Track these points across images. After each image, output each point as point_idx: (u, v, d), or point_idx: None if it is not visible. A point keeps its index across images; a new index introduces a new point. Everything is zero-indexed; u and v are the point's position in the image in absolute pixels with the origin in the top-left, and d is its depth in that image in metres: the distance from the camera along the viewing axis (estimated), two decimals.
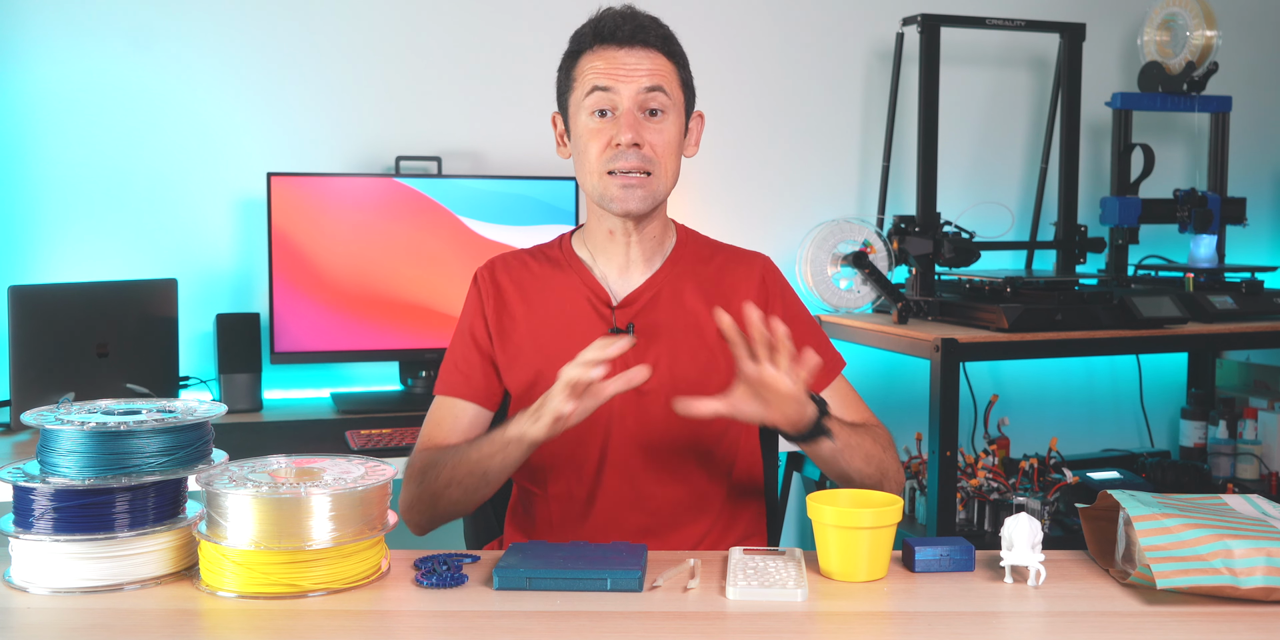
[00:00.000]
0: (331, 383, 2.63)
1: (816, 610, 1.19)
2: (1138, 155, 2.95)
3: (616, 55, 1.50)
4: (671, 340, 1.56)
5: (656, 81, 1.50)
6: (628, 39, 1.50)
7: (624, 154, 1.49)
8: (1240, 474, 2.95)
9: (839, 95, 2.99)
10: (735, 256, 1.67)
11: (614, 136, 1.49)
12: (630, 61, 1.50)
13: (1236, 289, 2.81)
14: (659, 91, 1.50)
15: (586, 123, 1.51)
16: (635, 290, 1.59)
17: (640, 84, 1.49)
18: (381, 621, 1.16)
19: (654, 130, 1.51)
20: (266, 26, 2.57)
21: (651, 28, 1.52)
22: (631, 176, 1.50)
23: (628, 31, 1.50)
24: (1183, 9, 2.96)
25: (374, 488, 1.24)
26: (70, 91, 2.47)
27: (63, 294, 2.24)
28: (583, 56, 1.53)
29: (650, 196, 1.52)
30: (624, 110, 1.49)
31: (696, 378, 1.55)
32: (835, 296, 2.77)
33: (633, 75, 1.49)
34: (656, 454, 1.56)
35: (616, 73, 1.49)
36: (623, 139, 1.48)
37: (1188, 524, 1.21)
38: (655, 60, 1.51)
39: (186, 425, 1.27)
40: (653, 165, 1.50)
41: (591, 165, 1.51)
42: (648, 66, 1.50)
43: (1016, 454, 2.91)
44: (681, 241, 1.64)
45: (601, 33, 1.51)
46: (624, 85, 1.49)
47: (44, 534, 1.22)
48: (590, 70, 1.51)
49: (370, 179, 2.48)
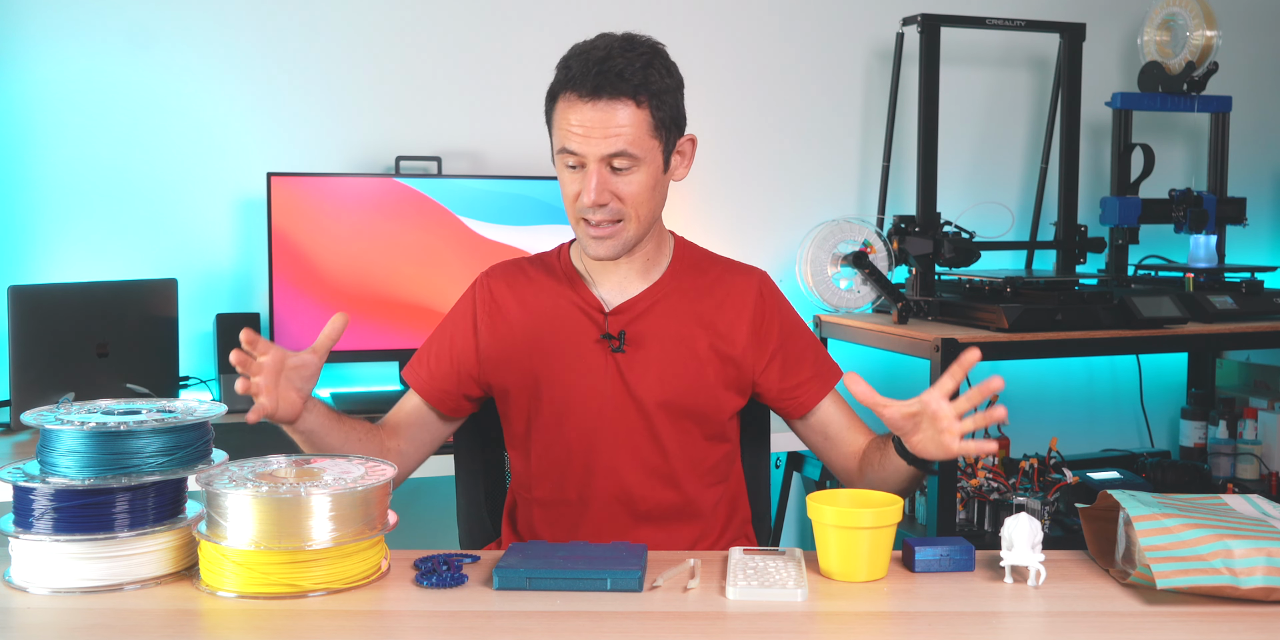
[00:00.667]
0: (331, 383, 2.63)
1: (816, 610, 1.19)
2: (1138, 155, 2.95)
3: (582, 111, 1.45)
4: (661, 350, 1.56)
5: (619, 146, 1.45)
6: (592, 92, 1.44)
7: (593, 209, 1.49)
8: (1240, 474, 2.95)
9: (839, 95, 2.99)
10: (732, 270, 1.66)
11: (581, 195, 1.49)
12: (596, 120, 1.45)
13: (1236, 289, 2.81)
14: (623, 155, 1.46)
15: (564, 173, 1.51)
16: (629, 300, 1.59)
17: (601, 149, 1.45)
18: (381, 621, 1.16)
19: (623, 183, 1.48)
20: (266, 26, 2.57)
21: (624, 75, 1.45)
22: (603, 227, 1.50)
23: (592, 85, 1.44)
24: (1183, 9, 2.96)
25: (374, 488, 1.24)
26: (70, 91, 2.47)
27: (63, 294, 2.24)
28: (558, 100, 1.49)
29: (622, 244, 1.52)
30: (590, 170, 1.47)
31: (685, 389, 1.56)
32: (835, 296, 2.77)
33: (596, 139, 1.45)
34: (645, 463, 1.57)
35: (581, 135, 1.46)
36: (586, 200, 1.48)
37: (1188, 524, 1.21)
38: (622, 114, 1.45)
39: (186, 425, 1.28)
40: (623, 215, 1.50)
41: (570, 212, 1.53)
42: (613, 127, 1.45)
43: (1016, 454, 2.91)
44: (679, 255, 1.64)
45: (571, 79, 1.46)
46: (590, 149, 1.46)
47: (44, 534, 1.22)
48: (561, 123, 1.48)
49: (370, 179, 2.48)
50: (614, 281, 1.60)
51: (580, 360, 1.56)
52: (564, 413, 1.56)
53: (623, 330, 1.56)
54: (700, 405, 1.57)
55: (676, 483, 1.58)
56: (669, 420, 1.56)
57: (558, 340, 1.57)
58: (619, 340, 1.55)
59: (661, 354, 1.56)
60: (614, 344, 1.56)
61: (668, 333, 1.57)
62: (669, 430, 1.56)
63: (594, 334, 1.57)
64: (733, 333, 1.59)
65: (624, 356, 1.56)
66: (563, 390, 1.56)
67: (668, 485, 1.57)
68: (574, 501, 1.57)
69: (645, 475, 1.56)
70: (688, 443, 1.58)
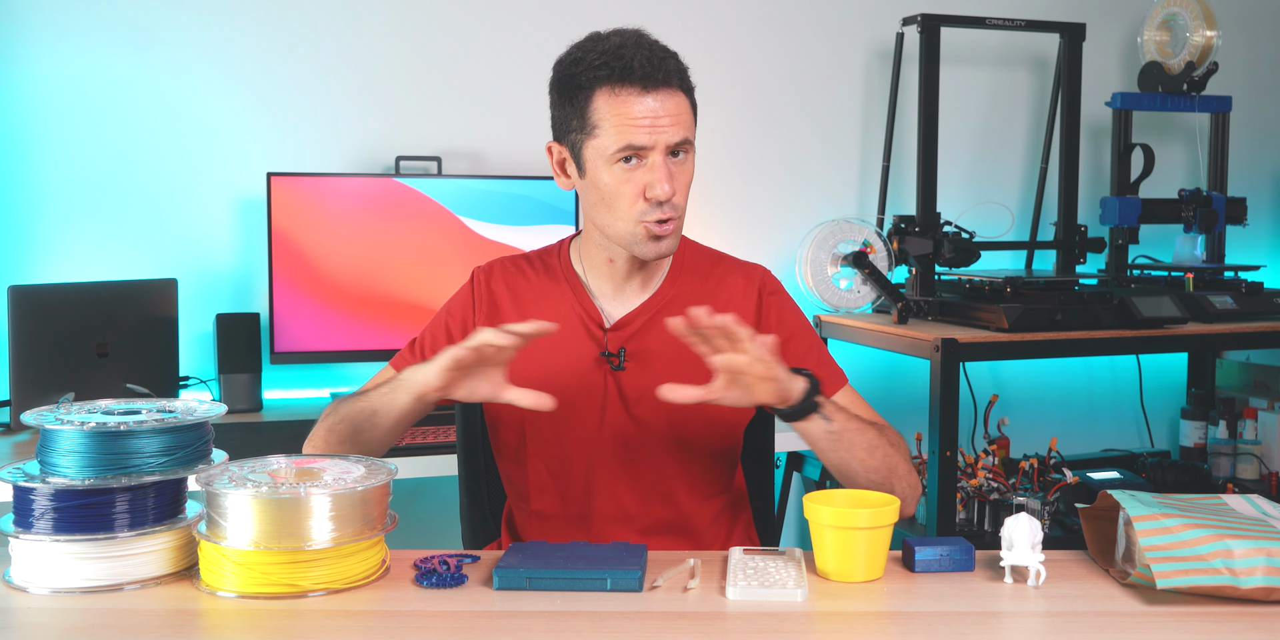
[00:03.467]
0: (331, 383, 2.63)
1: (816, 610, 1.19)
2: (1138, 155, 2.95)
3: (644, 102, 1.40)
4: (665, 365, 1.52)
5: (684, 134, 1.43)
6: (650, 80, 1.40)
7: (660, 207, 1.43)
8: (1240, 474, 2.95)
9: (839, 95, 2.99)
10: (734, 268, 1.62)
11: (646, 187, 1.42)
12: (658, 110, 1.41)
13: (1236, 289, 2.81)
14: (685, 143, 1.44)
15: (616, 172, 1.43)
16: (629, 313, 1.55)
17: (670, 137, 1.41)
18: (381, 621, 1.16)
19: (679, 173, 1.45)
20: (266, 27, 2.57)
21: (670, 61, 1.43)
22: (668, 224, 1.45)
23: (648, 71, 1.40)
24: (1183, 9, 2.96)
25: (374, 488, 1.24)
26: (70, 91, 2.47)
27: (63, 294, 2.24)
28: (599, 95, 1.41)
29: (677, 237, 1.49)
30: (657, 162, 1.42)
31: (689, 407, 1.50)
32: (835, 296, 2.77)
33: (664, 128, 1.41)
34: (646, 482, 1.54)
35: (652, 128, 1.40)
36: (661, 194, 1.42)
37: (1188, 524, 1.21)
38: (678, 102, 1.43)
39: (186, 425, 1.27)
40: (679, 210, 1.46)
41: (623, 214, 1.44)
42: (674, 114, 1.42)
43: (1016, 454, 2.91)
44: (679, 259, 1.60)
45: (622, 70, 1.40)
46: (659, 138, 1.41)
47: (44, 534, 1.22)
48: (618, 118, 1.40)
49: (370, 179, 2.48)
50: (615, 287, 1.56)
51: (579, 378, 1.52)
52: (562, 430, 1.53)
53: (623, 347, 1.53)
54: (705, 422, 1.53)
55: (678, 500, 1.55)
56: (671, 438, 1.53)
57: (556, 355, 1.53)
58: (619, 357, 1.52)
59: (664, 370, 1.51)
60: (614, 362, 1.52)
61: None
62: (671, 448, 1.53)
63: (594, 351, 1.54)
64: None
65: (625, 374, 1.52)
66: (562, 408, 1.50)
67: (669, 503, 1.55)
68: (574, 517, 1.55)
69: (646, 494, 1.54)
70: (690, 460, 1.55)
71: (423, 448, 2.08)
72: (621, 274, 1.56)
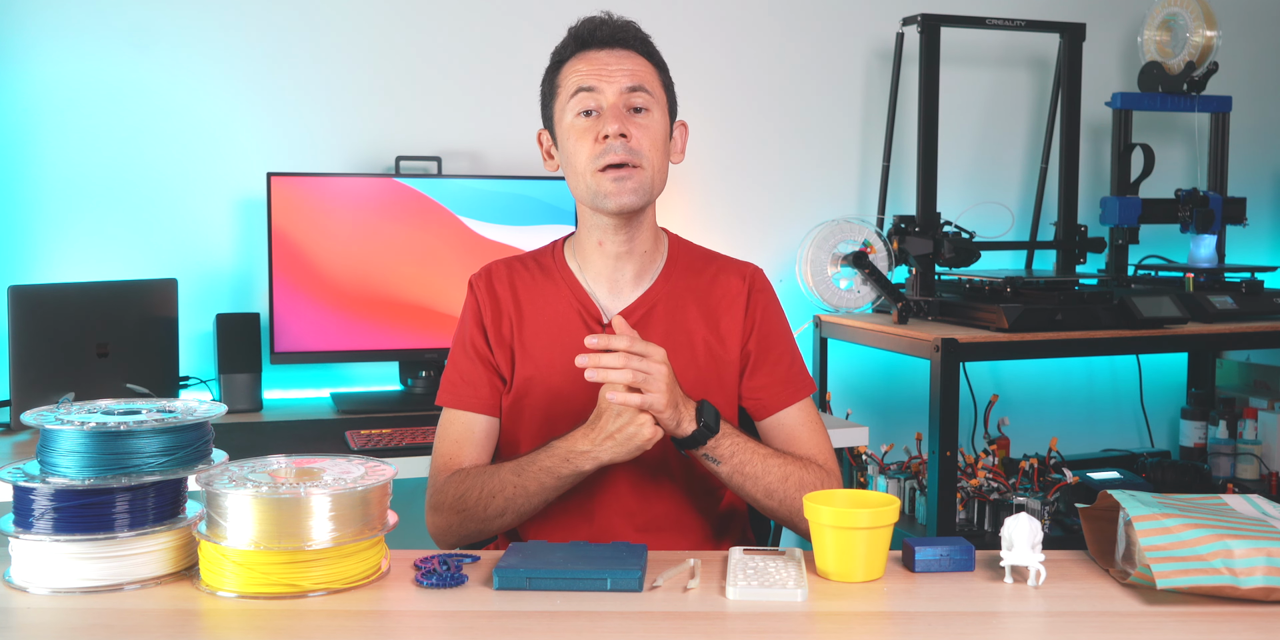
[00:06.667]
0: (331, 383, 2.63)
1: (817, 610, 1.19)
2: (1138, 155, 2.95)
3: (598, 57, 1.52)
4: None
5: (638, 81, 1.52)
6: (607, 41, 1.52)
7: (612, 146, 1.48)
8: (1240, 474, 2.96)
9: (839, 95, 2.99)
10: (726, 267, 1.64)
11: (600, 130, 1.49)
12: (612, 62, 1.52)
13: (1236, 289, 2.81)
14: (641, 90, 1.52)
15: (573, 123, 1.52)
16: (626, 308, 1.58)
17: (623, 83, 1.51)
18: (381, 621, 1.16)
19: (639, 125, 1.51)
20: (266, 26, 2.57)
21: (630, 29, 1.55)
22: (622, 169, 1.49)
23: (606, 33, 1.53)
24: (1183, 9, 2.96)
25: (374, 488, 1.24)
26: (70, 91, 2.47)
27: (63, 294, 2.24)
28: (565, 64, 1.54)
29: (642, 189, 1.50)
30: (609, 106, 1.50)
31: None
32: (835, 296, 2.77)
33: (615, 75, 1.51)
34: (647, 476, 1.56)
35: (600, 73, 1.51)
36: (610, 130, 1.48)
37: (1188, 524, 1.21)
38: (635, 61, 1.53)
39: (186, 425, 1.27)
40: (641, 158, 1.50)
41: (582, 165, 1.51)
42: (629, 66, 1.52)
43: (1016, 454, 2.92)
44: (673, 256, 1.63)
45: (581, 37, 1.53)
46: (607, 84, 1.50)
47: (44, 534, 1.22)
48: (573, 73, 1.52)
49: (370, 179, 2.48)
50: (610, 281, 1.59)
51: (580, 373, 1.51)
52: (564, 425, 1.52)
53: None
54: None
55: (678, 494, 1.57)
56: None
57: (556, 351, 1.55)
58: None
59: None
60: None
61: (666, 342, 1.52)
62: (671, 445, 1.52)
63: None
64: (728, 336, 1.58)
65: None
66: (562, 404, 1.54)
67: (669, 497, 1.57)
68: (574, 513, 1.56)
69: (647, 488, 1.56)
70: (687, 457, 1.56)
71: (423, 448, 2.08)
72: (612, 258, 1.57)
